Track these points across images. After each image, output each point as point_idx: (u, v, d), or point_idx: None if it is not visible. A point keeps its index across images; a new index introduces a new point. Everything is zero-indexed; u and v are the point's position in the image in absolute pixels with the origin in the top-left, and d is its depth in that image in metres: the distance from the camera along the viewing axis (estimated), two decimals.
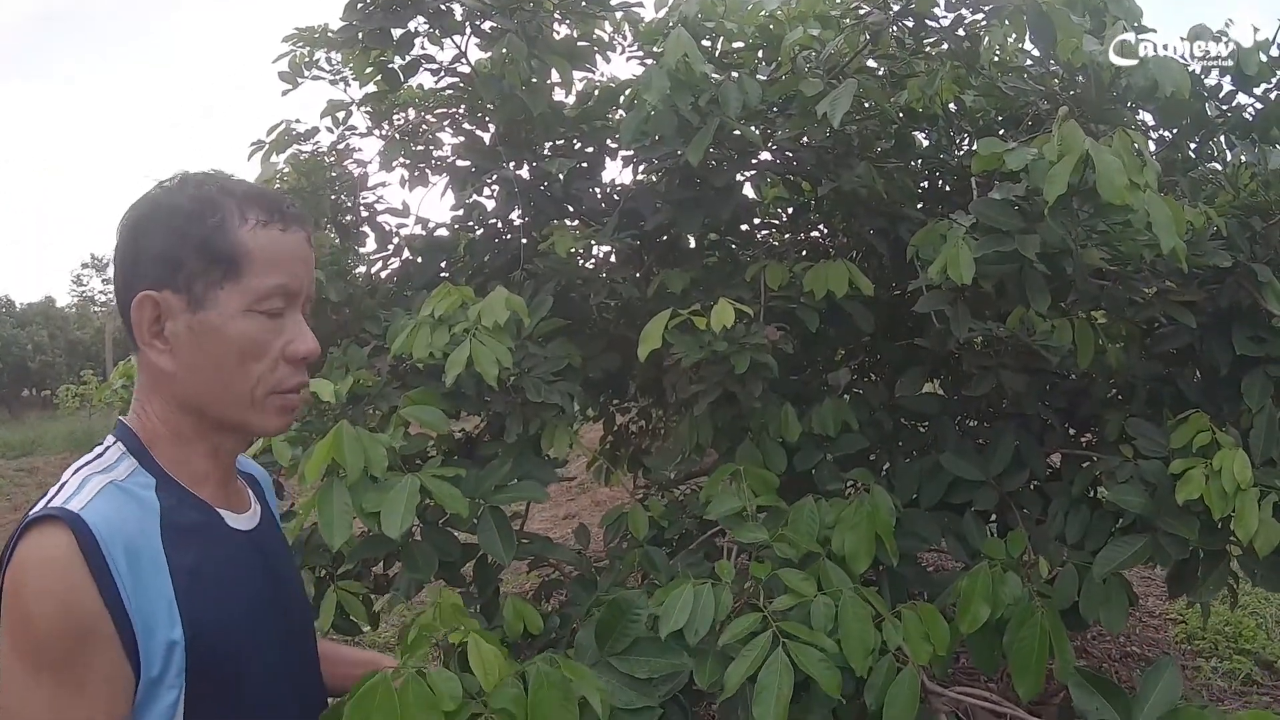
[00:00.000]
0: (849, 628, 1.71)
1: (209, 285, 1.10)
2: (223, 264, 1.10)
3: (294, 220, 1.17)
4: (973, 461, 2.43)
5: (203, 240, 1.09)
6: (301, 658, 1.31)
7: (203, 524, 1.14)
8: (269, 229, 1.13)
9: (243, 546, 1.20)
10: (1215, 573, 2.25)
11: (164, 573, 1.06)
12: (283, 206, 1.16)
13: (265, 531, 1.28)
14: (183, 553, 1.08)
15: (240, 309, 1.11)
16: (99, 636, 0.98)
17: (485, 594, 2.24)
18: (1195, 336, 2.46)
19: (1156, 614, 4.72)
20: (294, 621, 1.29)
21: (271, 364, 1.15)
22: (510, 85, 2.61)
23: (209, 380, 1.13)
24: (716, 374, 2.30)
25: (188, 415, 1.15)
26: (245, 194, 1.14)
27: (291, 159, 3.30)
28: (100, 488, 1.06)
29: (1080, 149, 1.88)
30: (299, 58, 3.26)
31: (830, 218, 3.13)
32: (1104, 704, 1.52)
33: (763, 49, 2.83)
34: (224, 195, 1.12)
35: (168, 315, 1.11)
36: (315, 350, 1.18)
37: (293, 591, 1.33)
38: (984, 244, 2.04)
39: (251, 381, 1.14)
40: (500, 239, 3.15)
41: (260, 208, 1.13)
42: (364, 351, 2.44)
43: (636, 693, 1.54)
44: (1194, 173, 2.74)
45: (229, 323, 1.11)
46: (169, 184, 1.15)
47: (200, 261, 1.10)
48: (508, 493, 2.05)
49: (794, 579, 1.79)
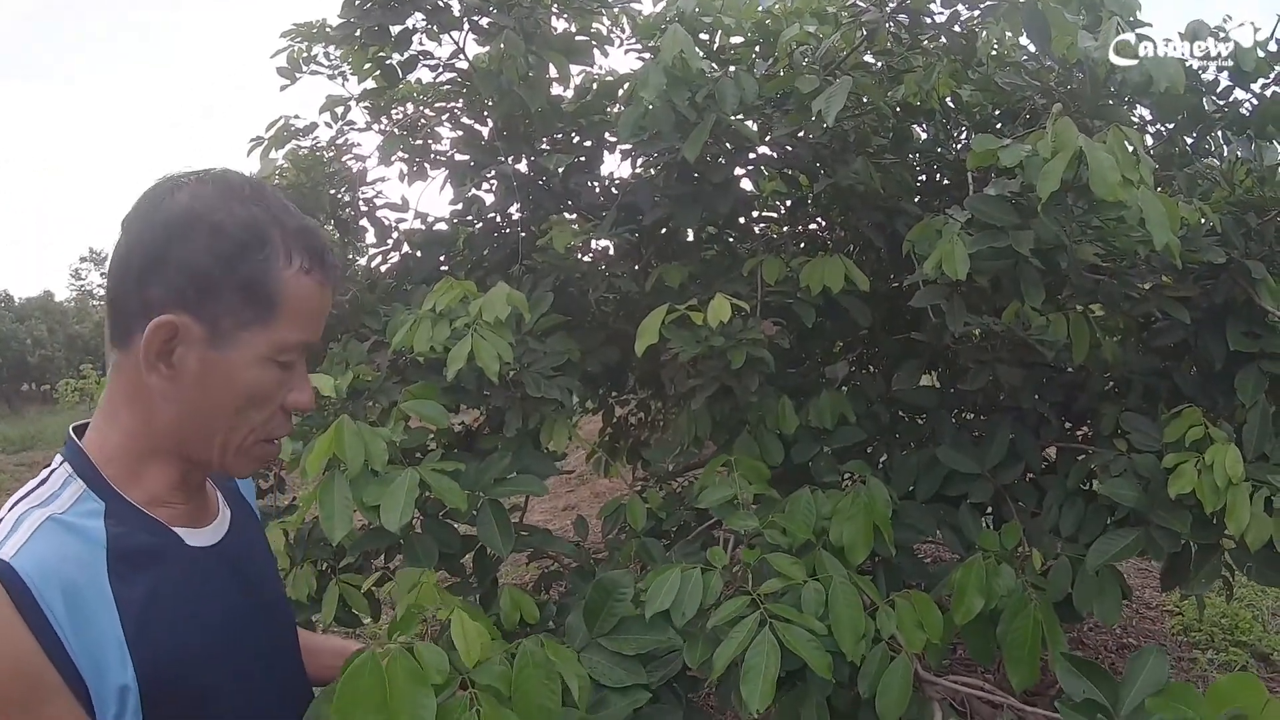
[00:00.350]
0: (839, 612, 1.72)
1: (238, 325, 1.04)
2: (258, 306, 1.04)
3: (331, 272, 1.11)
4: (969, 454, 2.45)
5: (247, 277, 1.03)
6: (284, 663, 1.27)
7: (157, 549, 1.06)
8: (310, 278, 1.07)
9: (205, 565, 1.12)
10: (1208, 566, 2.27)
11: (111, 611, 0.98)
12: (326, 255, 1.10)
13: (235, 538, 1.21)
14: (132, 586, 1.01)
15: (260, 357, 1.06)
16: (46, 686, 0.93)
17: (484, 585, 2.26)
18: (1190, 332, 2.48)
19: (1153, 606, 4.75)
20: (273, 627, 1.25)
21: (269, 414, 1.11)
22: (508, 80, 2.61)
23: (201, 419, 1.07)
24: (713, 368, 2.32)
25: (165, 441, 1.09)
26: (296, 230, 1.07)
27: (290, 154, 3.32)
28: (36, 526, 0.98)
29: (1074, 145, 1.89)
30: (297, 53, 3.28)
31: (828, 212, 3.14)
32: (1090, 686, 1.54)
33: (759, 45, 2.84)
34: (273, 226, 1.05)
35: (182, 342, 1.03)
36: (313, 403, 1.16)
37: (269, 596, 1.26)
38: (979, 239, 2.06)
39: (245, 430, 1.10)
40: (499, 233, 3.17)
41: (307, 252, 1.07)
42: (364, 347, 2.45)
43: (625, 671, 1.56)
44: (1190, 168, 2.75)
45: (245, 368, 1.05)
46: (212, 184, 1.05)
47: (236, 298, 1.03)
48: (507, 486, 2.06)
49: (783, 563, 1.81)
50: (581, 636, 1.60)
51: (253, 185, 1.08)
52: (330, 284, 1.12)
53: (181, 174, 1.07)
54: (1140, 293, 2.49)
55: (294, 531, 2.35)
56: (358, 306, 2.72)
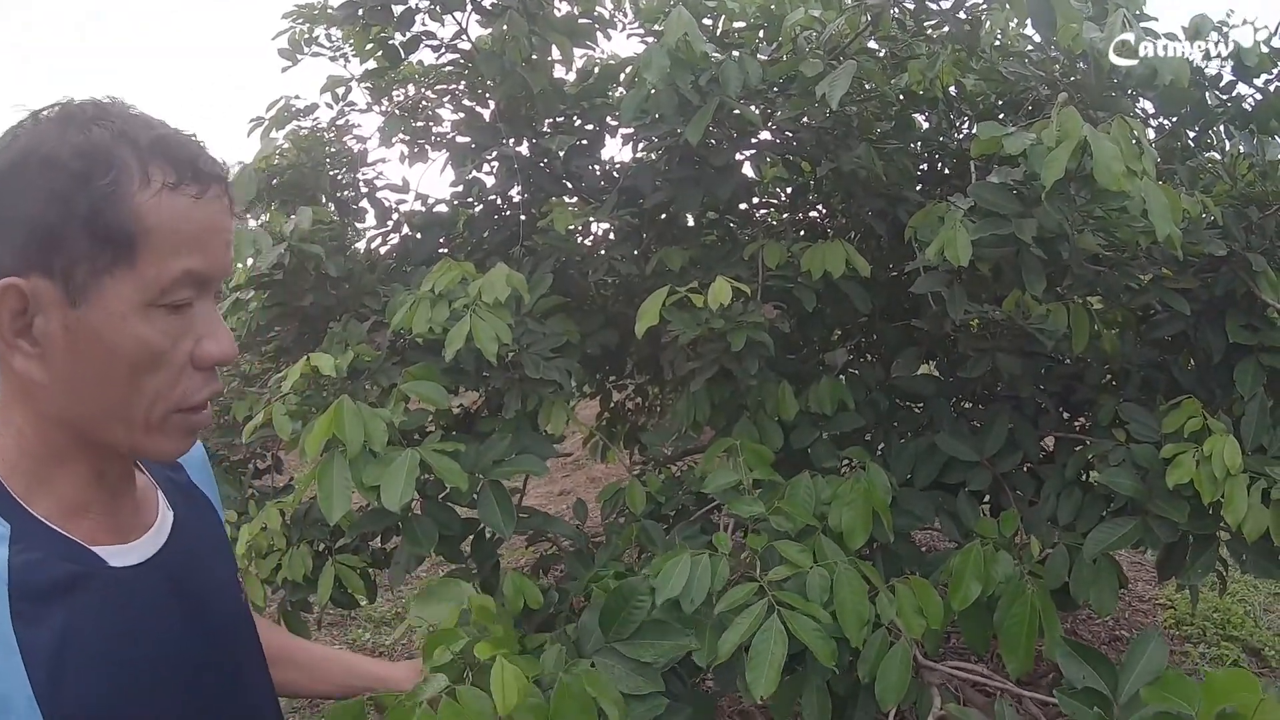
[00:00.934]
0: (843, 599, 1.73)
1: (94, 272, 0.83)
2: (114, 244, 0.83)
3: (212, 180, 0.90)
4: (967, 442, 2.46)
5: (90, 210, 0.82)
6: (241, 693, 1.11)
7: (71, 578, 0.89)
8: (179, 195, 0.86)
9: (134, 588, 0.95)
10: (1204, 557, 2.28)
11: (15, 660, 0.82)
12: (198, 163, 0.88)
13: (179, 545, 1.04)
14: (41, 629, 0.85)
15: (135, 305, 0.85)
16: None
17: (484, 569, 2.26)
18: (1189, 324, 2.48)
19: (1146, 599, 4.76)
20: (225, 652, 1.08)
21: (174, 375, 0.90)
22: (511, 62, 2.60)
23: (91, 396, 0.88)
24: (713, 351, 2.32)
25: (63, 433, 0.91)
26: (152, 142, 0.85)
27: (291, 135, 3.30)
28: None
29: (1078, 135, 1.89)
30: (298, 34, 3.26)
31: (829, 198, 3.14)
32: (1091, 673, 1.55)
33: (763, 29, 2.83)
34: (120, 144, 0.84)
35: (37, 309, 0.84)
36: (232, 352, 0.95)
37: (220, 613, 1.09)
38: (981, 227, 2.06)
39: (147, 400, 0.90)
40: (499, 215, 3.16)
41: (168, 163, 0.86)
42: (364, 327, 2.44)
43: (644, 678, 1.53)
44: (1192, 161, 2.75)
45: (119, 325, 0.85)
46: (48, 118, 0.85)
47: (84, 240, 0.82)
48: (507, 467, 2.05)
49: (790, 550, 1.81)
50: (596, 639, 1.58)
51: (97, 105, 0.87)
52: (216, 191, 0.90)
53: (21, 120, 0.87)
54: (1140, 284, 2.50)
55: (290, 512, 2.35)
56: (357, 287, 2.71)
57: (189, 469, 1.18)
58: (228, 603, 1.12)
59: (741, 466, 2.08)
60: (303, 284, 2.70)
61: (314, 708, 4.00)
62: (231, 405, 2.73)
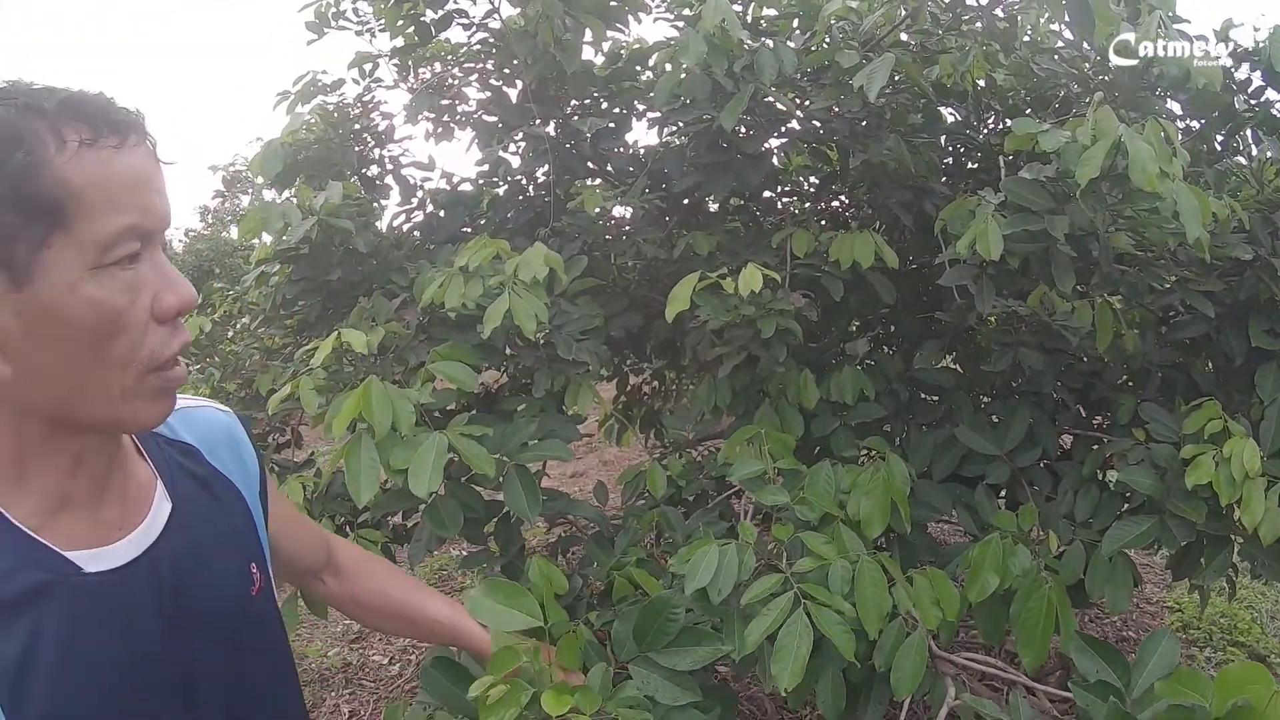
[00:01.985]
0: (864, 591, 1.74)
1: (32, 249, 0.79)
2: (44, 215, 0.79)
3: (130, 129, 0.85)
4: (987, 436, 2.47)
5: (11, 188, 0.78)
6: (232, 699, 1.06)
7: (42, 587, 0.87)
8: (98, 150, 0.82)
9: (111, 597, 0.92)
10: (1219, 559, 2.29)
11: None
12: (110, 114, 0.84)
13: (173, 541, 1.01)
14: (8, 641, 0.83)
15: (81, 271, 0.81)
16: None
17: (508, 553, 2.27)
18: (1212, 326, 2.49)
19: (1154, 601, 4.78)
20: (213, 642, 1.03)
21: (138, 335, 0.86)
22: (543, 42, 2.61)
23: (60, 380, 0.85)
24: (741, 337, 2.34)
25: (38, 424, 0.88)
26: (59, 106, 0.81)
27: (318, 110, 3.31)
28: None
29: (1114, 134, 1.90)
30: (325, 7, 3.26)
31: (855, 188, 3.14)
32: (1104, 667, 1.57)
33: (798, 18, 2.83)
34: (28, 116, 0.80)
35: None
36: (191, 298, 0.90)
37: (214, 603, 1.04)
38: (1013, 222, 2.07)
39: (117, 367, 0.86)
40: (524, 195, 3.17)
41: (81, 120, 0.82)
42: (392, 304, 2.45)
43: (681, 688, 1.52)
44: (1219, 165, 2.76)
45: (70, 295, 0.81)
46: None
47: (14, 219, 0.78)
48: (533, 451, 2.05)
49: (815, 542, 1.83)
50: (630, 648, 1.58)
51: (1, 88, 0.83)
52: (135, 140, 0.86)
53: None
54: (1164, 285, 2.51)
55: (311, 486, 2.36)
56: (385, 263, 2.72)
57: (208, 453, 1.13)
58: (229, 602, 1.07)
59: (765, 455, 2.09)
60: (329, 259, 2.71)
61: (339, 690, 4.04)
62: (255, 379, 2.75)
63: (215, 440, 1.15)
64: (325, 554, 1.43)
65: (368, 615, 1.50)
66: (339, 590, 1.46)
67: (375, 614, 1.49)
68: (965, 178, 3.05)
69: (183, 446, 1.10)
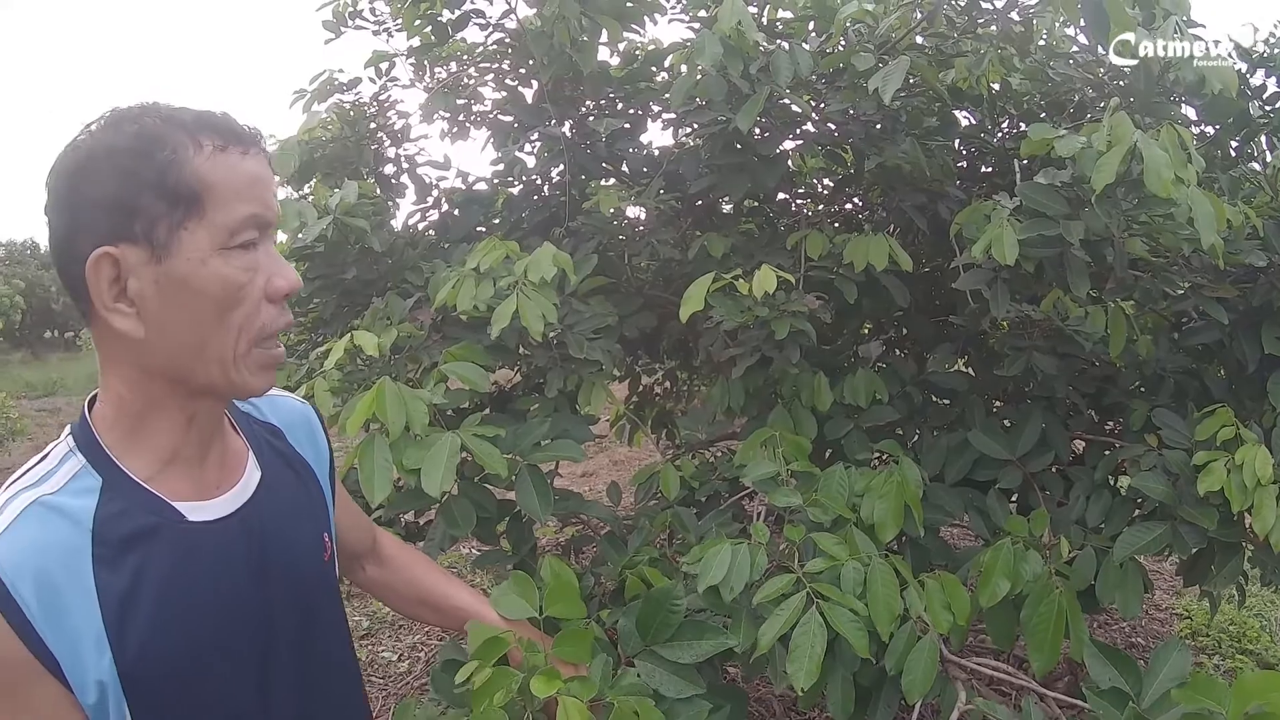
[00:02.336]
0: (876, 593, 1.75)
1: (172, 228, 0.96)
2: (184, 201, 0.96)
3: (252, 141, 1.03)
4: (999, 440, 2.47)
5: (157, 178, 0.95)
6: (311, 645, 1.20)
7: (149, 529, 1.01)
8: (228, 154, 0.99)
9: (207, 542, 1.06)
10: (1229, 565, 2.29)
11: (91, 601, 0.95)
12: (235, 128, 1.02)
13: (262, 504, 1.15)
14: (118, 573, 0.97)
15: (212, 249, 0.98)
16: (31, 671, 0.92)
17: (521, 551, 2.27)
18: (1225, 333, 2.48)
19: (1163, 608, 4.77)
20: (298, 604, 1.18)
21: (253, 308, 1.02)
22: (560, 43, 2.62)
23: (185, 340, 1.00)
24: (755, 339, 2.34)
25: (159, 383, 1.03)
26: (195, 120, 0.99)
27: (334, 108, 3.32)
28: (20, 511, 0.95)
29: (1129, 140, 1.90)
30: (342, 7, 3.28)
31: (869, 191, 3.15)
32: (1115, 674, 1.57)
33: (813, 20, 2.84)
34: (170, 127, 0.97)
35: (129, 272, 0.96)
36: (297, 283, 1.06)
37: (292, 564, 1.18)
38: (1029, 226, 2.07)
39: (234, 334, 1.01)
40: (538, 195, 3.18)
41: (214, 131, 0.99)
42: (406, 304, 2.46)
43: (685, 680, 1.54)
44: (1234, 170, 2.75)
45: (202, 268, 0.98)
46: (101, 125, 0.98)
47: (158, 203, 0.95)
48: (546, 451, 2.05)
49: (828, 543, 1.83)
50: (635, 643, 1.60)
51: (140, 105, 1.00)
52: (257, 150, 1.03)
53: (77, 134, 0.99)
54: (1177, 291, 2.50)
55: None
56: (400, 262, 2.73)
57: (290, 435, 1.30)
58: (306, 563, 1.21)
59: (779, 457, 2.10)
60: (345, 257, 2.72)
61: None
62: None
63: (295, 425, 1.32)
64: (371, 540, 1.55)
65: (401, 602, 1.60)
66: (378, 576, 1.57)
67: (407, 601, 1.59)
68: (979, 181, 3.05)
69: (270, 427, 1.27)
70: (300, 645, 1.17)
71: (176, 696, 1.01)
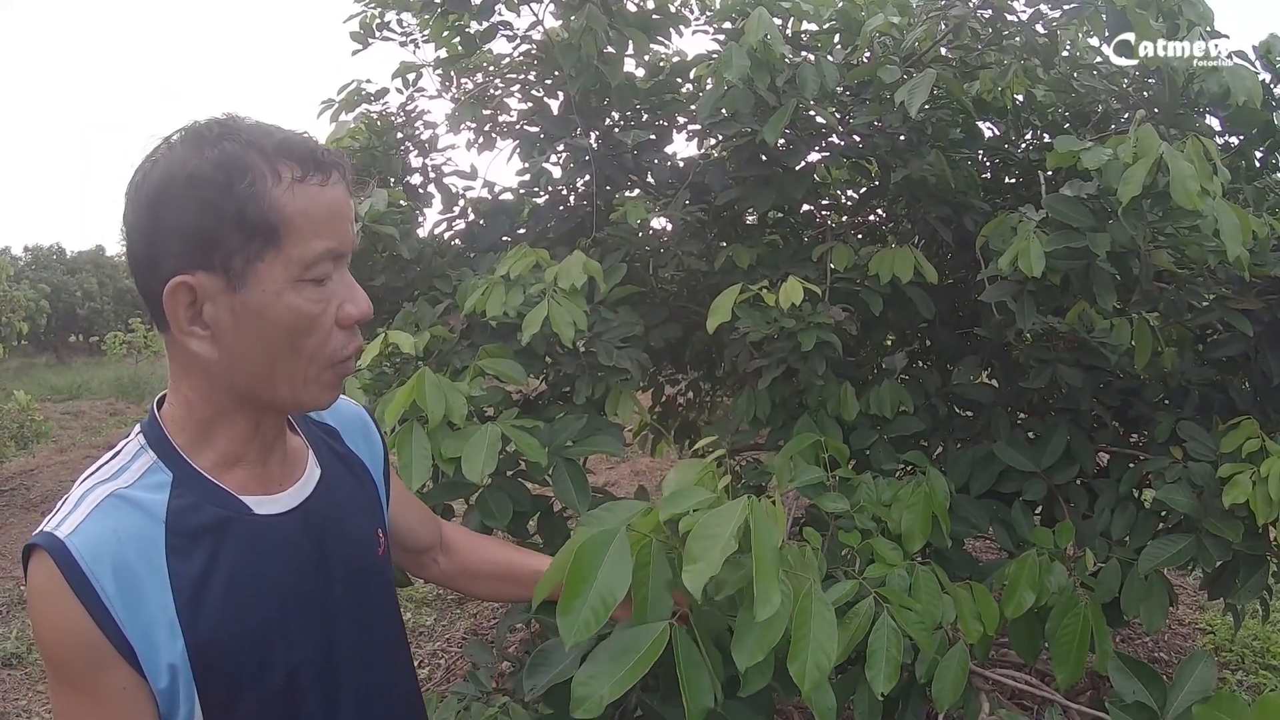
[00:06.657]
0: (920, 599, 1.75)
1: (248, 260, 0.98)
2: (261, 234, 0.97)
3: (332, 169, 1.03)
4: (1025, 453, 2.47)
5: (236, 211, 0.96)
6: (370, 637, 1.24)
7: (220, 522, 1.06)
8: (307, 185, 1.00)
9: (273, 535, 1.11)
10: (1255, 579, 2.28)
11: (165, 589, 1.00)
12: (317, 155, 1.02)
13: (322, 501, 1.19)
14: (190, 561, 1.02)
15: (286, 282, 1.00)
16: (105, 656, 0.96)
17: (553, 546, 2.29)
18: (1250, 345, 2.48)
19: (1186, 622, 4.73)
20: (357, 599, 1.21)
21: (325, 336, 1.05)
22: (587, 55, 2.64)
23: (257, 365, 1.03)
24: (781, 350, 2.35)
25: (229, 396, 1.07)
26: (275, 147, 1.00)
27: (362, 117, 3.36)
28: (98, 502, 1.00)
29: (1155, 152, 1.91)
30: (370, 19, 3.32)
31: (895, 203, 3.16)
32: (1140, 688, 1.57)
33: (839, 33, 2.85)
34: (250, 152, 0.98)
35: (205, 299, 0.99)
36: (368, 310, 1.08)
37: (356, 564, 1.22)
38: (1055, 239, 2.08)
39: (305, 360, 1.05)
40: (564, 206, 3.20)
41: (294, 162, 1.00)
42: (436, 310, 2.49)
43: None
44: (1259, 182, 2.75)
45: (276, 300, 1.00)
46: (180, 142, 1.00)
47: (236, 236, 0.97)
48: (584, 445, 2.07)
49: (883, 548, 1.84)
50: None
51: (220, 123, 1.01)
52: (337, 179, 1.04)
53: (156, 147, 1.01)
54: (1202, 303, 2.50)
55: None
56: (428, 270, 2.76)
57: (346, 436, 1.33)
58: (362, 556, 1.24)
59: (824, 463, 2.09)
60: (373, 264, 2.75)
61: None
62: None
63: (351, 426, 1.36)
64: (438, 532, 1.57)
65: (479, 584, 1.62)
66: (450, 567, 1.59)
67: (486, 580, 1.61)
68: (1004, 193, 3.06)
69: (327, 428, 1.31)
70: (357, 635, 1.21)
71: (243, 679, 1.05)
